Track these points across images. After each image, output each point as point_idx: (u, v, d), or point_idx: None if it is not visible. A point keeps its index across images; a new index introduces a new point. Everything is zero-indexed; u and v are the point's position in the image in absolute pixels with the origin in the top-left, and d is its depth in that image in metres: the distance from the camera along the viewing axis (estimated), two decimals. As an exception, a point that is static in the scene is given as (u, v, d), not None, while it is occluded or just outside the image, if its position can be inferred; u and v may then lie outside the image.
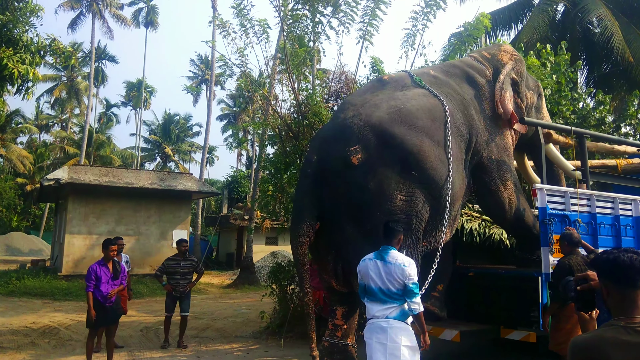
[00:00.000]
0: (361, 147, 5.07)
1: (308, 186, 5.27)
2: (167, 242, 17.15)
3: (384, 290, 4.01)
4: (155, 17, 36.45)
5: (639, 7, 16.07)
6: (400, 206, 5.03)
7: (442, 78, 6.28)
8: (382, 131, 5.16)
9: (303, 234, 5.07)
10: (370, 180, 5.01)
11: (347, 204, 5.08)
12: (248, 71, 9.79)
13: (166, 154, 42.79)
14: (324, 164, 5.23)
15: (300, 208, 5.28)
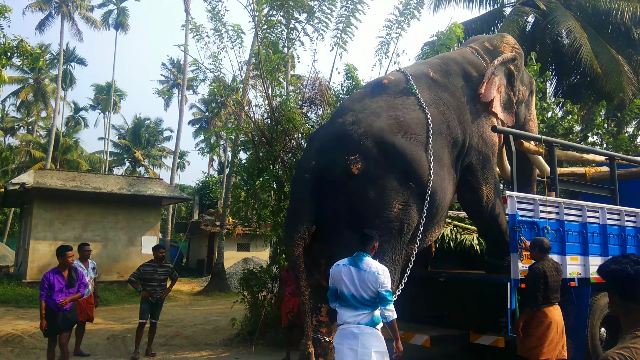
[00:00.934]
0: (361, 156, 5.13)
1: (305, 191, 5.29)
2: (135, 248, 16.78)
3: (357, 297, 4.03)
4: (126, 20, 35.87)
5: (607, 20, 16.58)
6: (397, 214, 5.17)
7: (442, 81, 6.33)
8: (383, 143, 5.24)
9: (299, 236, 5.10)
10: (370, 189, 5.11)
11: (346, 211, 5.14)
12: (221, 76, 9.70)
13: (136, 158, 41.97)
14: (323, 171, 5.25)
15: (297, 212, 5.29)
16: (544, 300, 5.31)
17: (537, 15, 16.38)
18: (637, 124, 15.32)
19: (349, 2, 8.82)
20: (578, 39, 14.69)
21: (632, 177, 8.99)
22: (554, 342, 5.28)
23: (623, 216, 7.05)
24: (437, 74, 6.39)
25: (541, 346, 5.26)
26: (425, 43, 9.76)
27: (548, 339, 5.27)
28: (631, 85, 15.13)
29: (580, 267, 6.36)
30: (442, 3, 18.25)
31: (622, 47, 16.34)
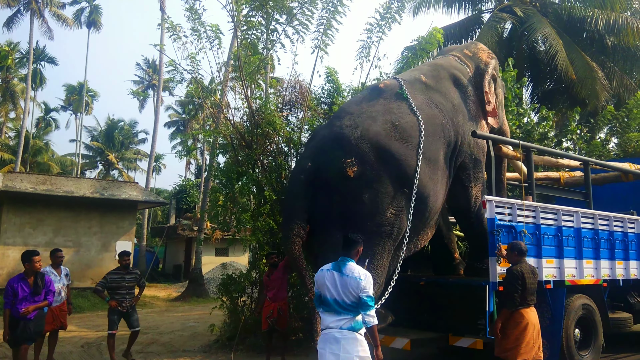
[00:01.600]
0: (358, 160, 5.26)
1: (301, 191, 5.44)
2: (109, 254, 16.42)
3: (339, 301, 4.03)
4: (99, 18, 35.14)
5: (582, 27, 17.03)
6: (389, 219, 5.30)
7: (434, 85, 6.58)
8: (379, 147, 5.37)
9: (295, 234, 5.26)
10: (365, 192, 5.23)
11: (340, 213, 5.26)
12: (199, 77, 9.59)
13: (109, 161, 41.21)
14: (319, 172, 5.39)
15: (292, 210, 5.43)
16: (521, 302, 5.41)
17: (514, 21, 16.71)
18: (609, 130, 15.75)
19: (330, 4, 8.84)
20: (554, 45, 15.04)
21: (605, 181, 9.26)
22: (530, 343, 5.37)
23: (597, 220, 7.22)
24: (429, 79, 6.65)
25: (518, 347, 5.34)
26: (406, 47, 9.86)
27: (525, 340, 5.36)
28: (605, 91, 15.56)
29: (556, 270, 6.49)
30: (421, 8, 18.47)
31: (596, 54, 16.81)
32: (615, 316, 7.44)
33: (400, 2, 8.71)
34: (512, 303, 5.39)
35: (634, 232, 7.80)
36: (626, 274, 7.52)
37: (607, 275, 7.20)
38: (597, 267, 7.03)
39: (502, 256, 5.73)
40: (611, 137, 15.45)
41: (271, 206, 8.50)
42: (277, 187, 8.73)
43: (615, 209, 8.02)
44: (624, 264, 7.52)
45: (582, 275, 6.75)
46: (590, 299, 6.84)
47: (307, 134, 9.57)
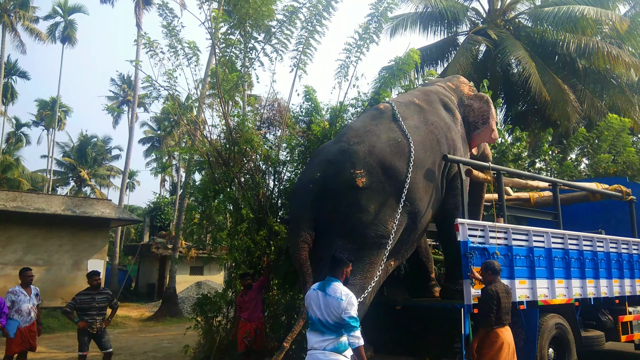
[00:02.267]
0: (366, 172, 5.63)
1: (309, 199, 5.72)
2: (81, 272, 16.00)
3: (322, 321, 4.04)
4: (74, 33, 34.73)
5: (554, 51, 17.52)
6: (389, 231, 5.61)
7: (426, 107, 7.02)
8: (385, 163, 5.76)
9: (303, 240, 5.53)
10: (372, 203, 5.59)
11: (343, 221, 5.57)
12: (176, 94, 9.54)
13: (81, 177, 40.39)
14: (328, 182, 5.70)
15: (300, 218, 5.71)
16: (496, 322, 5.46)
17: (488, 44, 17.14)
18: (580, 151, 16.20)
19: (309, 24, 8.94)
20: (527, 68, 15.43)
21: (574, 201, 9.48)
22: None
23: (566, 240, 7.35)
24: (422, 102, 7.12)
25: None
26: (383, 67, 10.02)
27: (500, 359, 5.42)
28: (576, 113, 16.00)
29: (529, 291, 6.54)
30: (398, 29, 18.79)
31: (567, 77, 17.33)
32: (587, 334, 7.54)
33: (378, 23, 8.86)
34: (487, 323, 5.44)
35: (602, 251, 7.96)
36: (597, 293, 7.64)
37: (579, 294, 7.31)
38: (569, 287, 7.14)
39: (475, 279, 5.78)
40: (582, 158, 15.88)
41: (248, 225, 8.45)
42: (254, 205, 8.68)
43: (585, 228, 8.20)
44: (595, 283, 7.65)
45: (554, 295, 6.85)
46: (563, 318, 6.94)
47: (285, 152, 9.59)
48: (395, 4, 8.90)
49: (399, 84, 9.40)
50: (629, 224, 9.13)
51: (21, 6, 31.34)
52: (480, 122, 7.84)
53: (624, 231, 8.93)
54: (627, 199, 9.18)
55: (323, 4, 8.71)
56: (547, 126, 16.14)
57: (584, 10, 15.69)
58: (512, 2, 18.78)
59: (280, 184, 9.34)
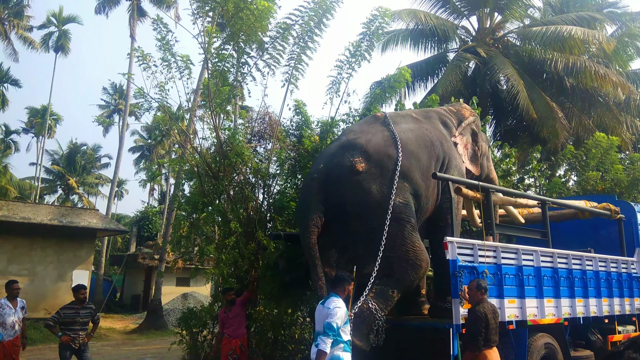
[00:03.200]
0: (364, 158, 6.14)
1: (315, 187, 6.16)
2: (65, 283, 15.74)
3: (319, 331, 4.48)
4: (67, 43, 34.60)
5: (542, 69, 17.73)
6: (399, 207, 6.03)
7: (423, 120, 7.54)
8: (380, 151, 6.30)
9: (314, 224, 5.88)
10: (373, 184, 6.04)
11: (353, 204, 5.98)
12: (167, 106, 9.49)
13: (69, 186, 39.93)
14: (332, 170, 6.19)
15: (309, 203, 6.12)
16: (485, 343, 5.39)
17: (477, 62, 17.31)
18: (568, 168, 16.32)
19: (301, 40, 8.96)
20: (515, 86, 15.59)
21: (562, 218, 9.50)
22: None
23: (556, 258, 7.33)
24: (419, 116, 7.66)
25: None
26: (374, 82, 10.07)
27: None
28: (564, 131, 16.16)
29: (518, 310, 6.49)
30: (389, 44, 18.92)
31: (555, 95, 17.55)
32: (577, 354, 7.49)
33: (369, 41, 8.91)
34: (475, 345, 5.38)
35: (592, 270, 7.96)
36: (586, 312, 7.62)
37: (568, 313, 7.28)
38: (558, 306, 7.10)
39: (465, 299, 5.70)
40: (571, 174, 15.99)
41: (236, 238, 8.36)
42: (243, 219, 8.61)
43: (574, 246, 8.19)
44: (584, 302, 7.63)
45: (544, 315, 6.81)
46: (552, 338, 6.89)
47: (275, 165, 9.56)
48: (387, 24, 8.96)
49: (389, 100, 9.43)
50: (618, 242, 9.14)
51: (15, 15, 31.28)
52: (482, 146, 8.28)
53: (613, 249, 8.94)
54: (615, 217, 9.21)
55: (315, 21, 8.74)
56: (536, 143, 16.27)
57: (571, 30, 15.92)
58: (501, 21, 19.02)
59: (269, 197, 9.29)
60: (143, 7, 26.58)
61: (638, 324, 8.86)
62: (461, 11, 19.13)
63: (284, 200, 8.94)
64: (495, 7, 18.45)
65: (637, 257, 9.26)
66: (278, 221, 8.70)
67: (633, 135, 18.15)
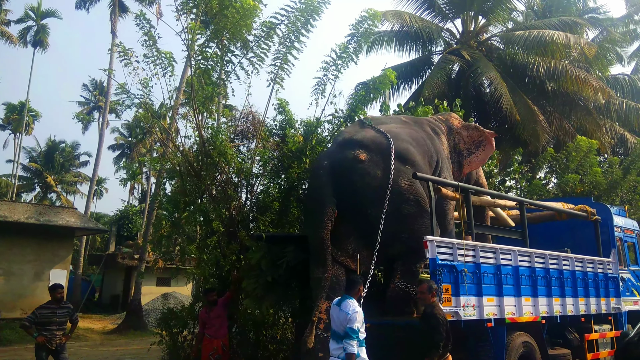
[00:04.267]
0: (364, 150, 6.58)
1: (325, 181, 6.47)
2: (42, 283, 15.46)
3: (336, 332, 4.88)
4: (46, 37, 33.96)
5: (524, 73, 18.01)
6: (407, 188, 6.43)
7: (412, 123, 7.99)
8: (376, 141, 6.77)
9: (328, 218, 6.14)
10: (377, 169, 6.44)
11: (364, 190, 6.32)
12: (149, 103, 9.37)
13: (48, 184, 39.25)
14: (337, 163, 6.57)
15: (322, 197, 6.36)
16: (443, 350, 5.23)
17: (462, 64, 17.46)
18: (548, 170, 16.58)
19: (287, 40, 8.93)
20: (498, 89, 15.76)
21: (540, 220, 9.65)
22: None
23: (533, 258, 7.45)
24: (408, 119, 8.15)
25: None
26: (359, 83, 10.10)
27: None
28: (545, 134, 16.42)
29: (496, 308, 6.59)
30: (374, 46, 18.97)
31: (537, 98, 17.79)
32: (554, 352, 7.61)
33: (357, 43, 8.91)
34: (436, 352, 5.17)
35: (568, 270, 8.11)
36: (563, 311, 7.75)
37: (545, 312, 7.39)
38: (536, 304, 7.22)
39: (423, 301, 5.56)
40: (551, 177, 16.24)
41: (218, 238, 8.30)
42: (225, 218, 8.55)
43: (551, 247, 8.32)
44: (561, 301, 7.76)
45: (522, 313, 6.91)
46: (530, 337, 7.00)
47: (258, 164, 9.52)
48: (375, 26, 8.98)
49: (374, 101, 9.46)
50: (594, 243, 9.33)
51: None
52: (473, 147, 8.60)
53: (590, 250, 9.12)
54: (592, 218, 9.39)
55: (302, 22, 8.71)
56: (517, 145, 16.48)
57: (553, 35, 16.18)
58: (485, 24, 19.24)
59: (252, 197, 9.25)
60: (125, 3, 26.26)
61: (614, 323, 9.04)
62: (446, 14, 19.30)
63: (267, 200, 8.91)
64: (479, 11, 18.65)
65: (613, 258, 9.46)
66: (261, 221, 8.67)
67: (612, 139, 18.52)
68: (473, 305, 6.26)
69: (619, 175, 15.24)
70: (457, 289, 6.10)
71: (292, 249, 7.09)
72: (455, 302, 6.04)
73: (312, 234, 6.38)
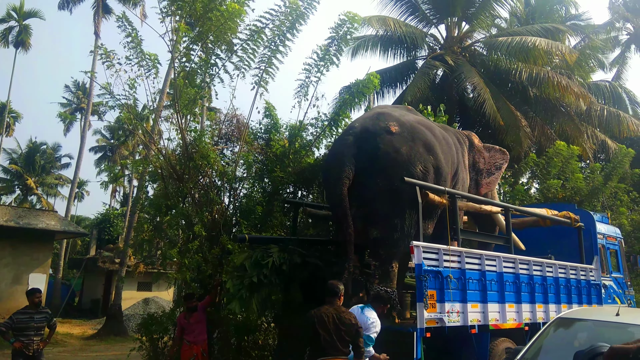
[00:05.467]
0: (397, 124, 6.82)
1: (350, 141, 6.71)
2: (21, 287, 15.12)
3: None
4: (28, 38, 33.42)
5: (507, 78, 18.17)
6: (418, 175, 6.61)
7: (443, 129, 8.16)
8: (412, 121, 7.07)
9: (346, 175, 6.44)
10: (403, 145, 6.64)
11: (383, 158, 6.52)
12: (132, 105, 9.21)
13: (28, 186, 38.55)
14: (368, 127, 6.79)
15: (343, 156, 6.63)
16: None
17: (445, 69, 17.55)
18: (531, 175, 16.71)
19: (272, 43, 8.85)
20: (482, 94, 15.86)
21: (524, 226, 9.69)
22: None
23: (517, 264, 7.48)
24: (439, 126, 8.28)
25: None
26: (343, 87, 10.05)
27: None
28: (527, 139, 16.55)
29: (480, 315, 6.59)
30: (359, 50, 18.99)
31: (519, 104, 17.94)
32: (536, 359, 7.65)
33: (338, 46, 8.87)
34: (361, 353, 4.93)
35: (552, 276, 8.15)
36: (546, 317, 7.75)
37: (529, 318, 7.42)
38: (519, 311, 7.23)
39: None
40: (533, 182, 16.37)
41: (200, 242, 8.17)
42: (207, 222, 8.42)
43: (535, 253, 8.37)
44: (544, 307, 7.79)
45: (505, 319, 6.92)
46: (513, 343, 6.98)
47: (242, 168, 9.41)
48: (355, 29, 8.94)
49: (358, 105, 9.42)
50: (577, 249, 9.39)
51: (-27, 8, 30.00)
52: (493, 168, 8.84)
53: (573, 257, 9.17)
54: (575, 225, 9.46)
55: (287, 26, 8.64)
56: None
57: (535, 41, 16.34)
58: (469, 30, 19.38)
59: (236, 200, 9.14)
60: (108, 4, 25.98)
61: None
62: (430, 19, 19.40)
63: (251, 203, 8.81)
64: (463, 17, 18.78)
65: (595, 265, 9.53)
66: (244, 225, 8.56)
67: (593, 145, 18.73)
68: (457, 312, 6.26)
69: (600, 182, 15.42)
70: (442, 295, 6.09)
71: (277, 250, 7.04)
72: (440, 308, 6.04)
73: (330, 191, 6.79)
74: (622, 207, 16.09)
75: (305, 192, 9.78)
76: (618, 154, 17.10)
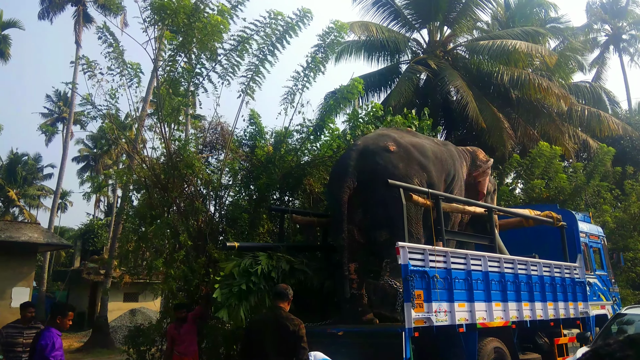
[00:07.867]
0: (395, 144, 7.51)
1: (354, 156, 7.39)
2: (4, 301, 14.80)
3: None
4: (7, 48, 32.90)
5: (489, 81, 18.40)
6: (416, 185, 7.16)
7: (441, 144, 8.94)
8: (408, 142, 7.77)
9: (347, 185, 7.07)
10: (400, 162, 7.34)
11: (383, 174, 7.04)
12: (114, 115, 9.13)
13: (9, 198, 37.91)
14: (369, 145, 7.51)
15: (346, 168, 7.30)
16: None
17: (429, 73, 17.69)
18: (515, 176, 16.89)
19: (260, 52, 8.83)
20: (465, 97, 16.02)
21: (508, 227, 9.79)
22: None
23: (502, 263, 7.54)
24: (438, 142, 9.11)
25: None
26: (328, 93, 10.09)
27: None
28: (510, 140, 16.76)
29: (467, 314, 6.63)
30: (343, 55, 19.03)
31: (502, 106, 18.14)
32: (525, 357, 7.71)
33: (324, 54, 8.90)
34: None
35: (536, 275, 8.22)
36: (533, 315, 7.83)
37: (516, 317, 7.47)
38: (506, 309, 7.27)
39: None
40: (517, 182, 16.55)
41: (186, 252, 8.10)
42: (193, 231, 8.36)
43: (519, 253, 8.45)
44: (530, 306, 7.85)
45: (492, 318, 6.96)
46: (501, 342, 7.05)
47: (227, 176, 9.37)
48: (342, 37, 9.00)
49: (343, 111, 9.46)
50: (561, 248, 9.50)
51: (-49, 18, 29.54)
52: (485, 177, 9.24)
53: (556, 256, 9.28)
54: (558, 224, 9.57)
55: (277, 36, 8.64)
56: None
57: (516, 44, 16.57)
58: (451, 34, 19.58)
59: (221, 209, 9.09)
60: (89, 13, 25.77)
61: (582, 327, 9.21)
62: (412, 24, 19.55)
63: (237, 211, 8.76)
64: (445, 21, 18.96)
65: (579, 263, 9.65)
66: (230, 233, 8.51)
67: (575, 144, 19.00)
68: (445, 311, 6.29)
69: (583, 180, 15.64)
70: (429, 295, 6.12)
71: (266, 257, 7.01)
72: (427, 308, 6.06)
73: (332, 197, 7.37)
74: (605, 205, 16.33)
75: (291, 198, 9.77)
76: (599, 153, 17.36)
